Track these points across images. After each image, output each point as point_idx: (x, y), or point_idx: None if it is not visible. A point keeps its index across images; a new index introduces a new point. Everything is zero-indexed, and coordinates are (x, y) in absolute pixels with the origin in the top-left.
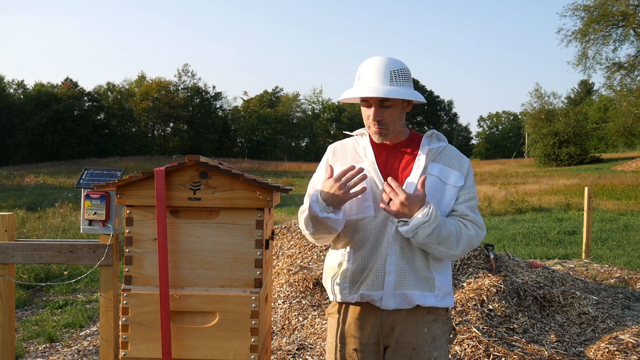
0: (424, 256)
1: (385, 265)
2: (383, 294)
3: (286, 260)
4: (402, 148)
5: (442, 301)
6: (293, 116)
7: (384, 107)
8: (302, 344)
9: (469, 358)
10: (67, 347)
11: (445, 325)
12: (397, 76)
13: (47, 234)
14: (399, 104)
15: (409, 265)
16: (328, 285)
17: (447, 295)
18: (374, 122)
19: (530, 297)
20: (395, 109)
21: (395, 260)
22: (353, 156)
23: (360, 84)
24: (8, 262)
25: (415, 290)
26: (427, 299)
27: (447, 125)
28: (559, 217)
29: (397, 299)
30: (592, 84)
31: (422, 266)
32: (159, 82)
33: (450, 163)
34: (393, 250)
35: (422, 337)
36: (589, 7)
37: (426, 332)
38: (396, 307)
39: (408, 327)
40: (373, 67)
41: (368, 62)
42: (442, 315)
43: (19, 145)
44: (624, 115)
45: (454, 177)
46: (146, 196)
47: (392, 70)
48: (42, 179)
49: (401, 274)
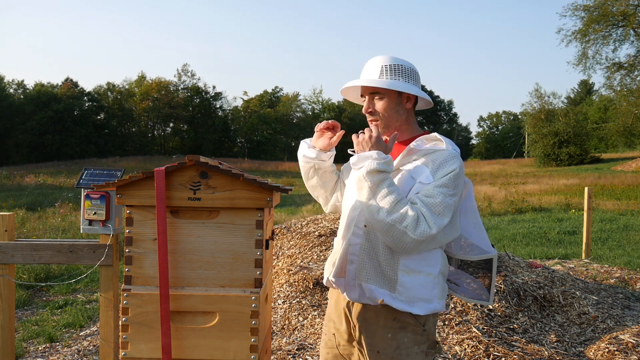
0: (390, 254)
1: (348, 253)
2: (345, 282)
3: (286, 260)
4: (402, 145)
5: (405, 306)
6: (293, 116)
7: (375, 99)
8: (302, 344)
9: (469, 358)
10: (67, 347)
11: (417, 336)
12: (388, 70)
13: (47, 234)
14: (393, 97)
15: (369, 258)
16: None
17: (419, 301)
18: (366, 114)
19: (530, 297)
20: (387, 101)
21: (358, 250)
22: None
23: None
24: (8, 262)
25: (371, 284)
26: (383, 295)
27: (447, 125)
28: (559, 217)
29: (358, 290)
30: (592, 84)
31: (385, 263)
32: (159, 82)
33: (428, 163)
34: (357, 241)
35: (386, 342)
36: (589, 7)
37: (390, 337)
38: (359, 300)
39: (372, 329)
40: (368, 63)
41: (371, 59)
42: (412, 325)
43: (19, 145)
44: (624, 115)
45: (425, 175)
46: (146, 196)
47: (384, 65)
48: (42, 179)
49: (361, 265)
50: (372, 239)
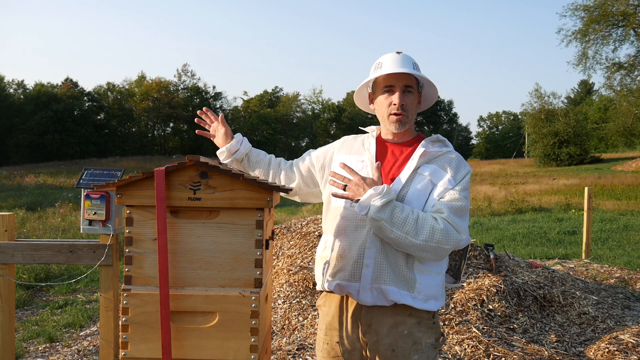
0: (406, 255)
1: (364, 257)
2: (360, 286)
3: (286, 260)
4: (404, 147)
5: (423, 304)
6: (293, 116)
7: (407, 91)
8: (302, 344)
9: (469, 358)
10: (67, 347)
11: (429, 329)
12: (418, 68)
13: (47, 234)
14: (417, 94)
15: (388, 261)
16: (316, 272)
17: (431, 299)
18: (397, 107)
19: (530, 297)
20: (414, 98)
21: (375, 253)
22: (357, 148)
23: (384, 69)
24: (8, 262)
25: (392, 286)
26: (404, 297)
27: (447, 125)
28: (559, 217)
29: (374, 293)
30: (592, 84)
31: (402, 264)
32: (159, 82)
33: (445, 167)
34: (373, 244)
35: (402, 339)
36: (589, 7)
37: (406, 334)
38: (374, 303)
39: (387, 327)
40: (396, 56)
41: (388, 54)
42: (426, 319)
43: (19, 145)
44: (624, 115)
45: (446, 179)
46: (146, 196)
47: (413, 62)
48: (42, 179)
49: (379, 268)
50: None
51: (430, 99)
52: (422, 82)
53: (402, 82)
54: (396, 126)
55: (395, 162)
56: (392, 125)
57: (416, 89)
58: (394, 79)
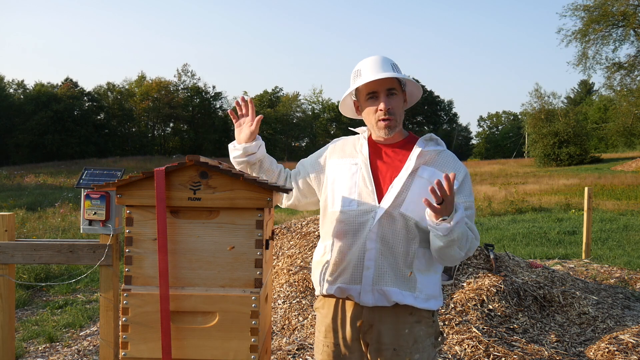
0: (406, 255)
1: (364, 260)
2: (361, 288)
3: (286, 260)
4: (397, 148)
5: (424, 303)
6: (293, 116)
7: (391, 94)
8: (302, 344)
9: (469, 358)
10: (67, 347)
11: (429, 328)
12: (397, 68)
13: (47, 234)
14: (401, 95)
15: (388, 262)
16: (314, 278)
17: (431, 298)
18: (384, 113)
19: (530, 297)
20: (399, 99)
21: (375, 255)
22: (350, 151)
23: (363, 77)
24: (8, 262)
25: (394, 287)
26: (406, 297)
27: (447, 125)
28: (559, 217)
29: (376, 295)
30: (592, 84)
31: (402, 265)
32: (158, 82)
33: (443, 168)
34: (372, 246)
35: (403, 338)
36: (589, 7)
37: (407, 333)
38: (375, 304)
39: (388, 327)
40: (373, 61)
41: (366, 60)
42: (426, 318)
43: (19, 145)
44: (624, 115)
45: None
46: (146, 196)
47: (392, 63)
48: (42, 179)
49: (380, 270)
50: (388, 243)
51: (415, 94)
52: (404, 80)
53: (385, 87)
54: (386, 132)
55: (391, 164)
56: (382, 131)
57: (400, 89)
58: (376, 84)
